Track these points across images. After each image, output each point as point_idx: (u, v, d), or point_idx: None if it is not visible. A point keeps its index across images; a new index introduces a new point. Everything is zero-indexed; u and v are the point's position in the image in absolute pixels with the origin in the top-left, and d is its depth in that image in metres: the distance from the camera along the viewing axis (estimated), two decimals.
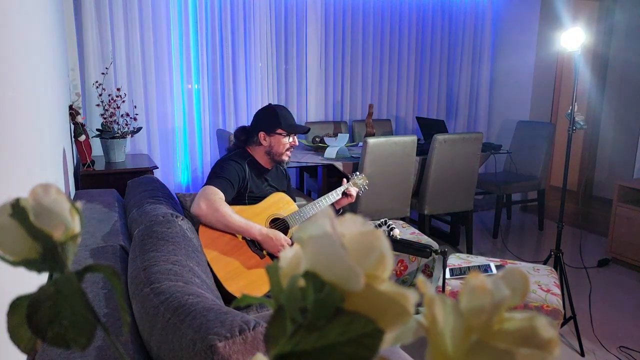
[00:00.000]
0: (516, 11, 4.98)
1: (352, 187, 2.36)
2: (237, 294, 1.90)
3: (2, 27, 1.05)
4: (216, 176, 2.07)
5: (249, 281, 1.96)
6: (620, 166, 5.02)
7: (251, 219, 2.06)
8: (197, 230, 1.95)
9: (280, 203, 2.24)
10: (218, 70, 4.00)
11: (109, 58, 3.59)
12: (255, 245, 2.07)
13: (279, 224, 2.19)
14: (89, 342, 0.30)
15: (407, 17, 4.72)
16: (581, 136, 5.19)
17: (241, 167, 2.15)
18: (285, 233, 2.15)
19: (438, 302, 0.29)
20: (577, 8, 4.93)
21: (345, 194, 2.34)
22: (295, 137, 2.26)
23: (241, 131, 2.26)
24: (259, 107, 4.18)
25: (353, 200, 2.35)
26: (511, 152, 4.41)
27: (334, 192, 2.33)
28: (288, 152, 2.24)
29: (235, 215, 2.00)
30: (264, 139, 2.20)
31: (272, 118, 2.20)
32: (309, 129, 2.41)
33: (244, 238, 2.06)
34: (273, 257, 2.08)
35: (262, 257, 2.06)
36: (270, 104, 2.27)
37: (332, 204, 2.35)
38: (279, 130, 2.20)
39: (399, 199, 3.46)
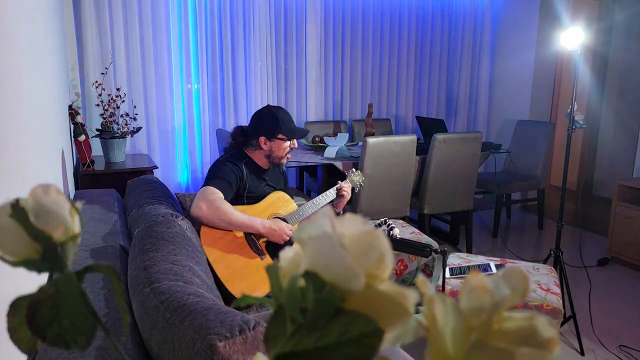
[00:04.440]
0: (516, 10, 4.98)
1: (348, 184, 2.38)
2: (239, 295, 1.89)
3: (2, 27, 1.05)
4: (214, 177, 2.07)
5: (250, 282, 1.97)
6: (620, 165, 5.01)
7: None
8: (198, 232, 1.95)
9: (279, 202, 2.25)
10: (218, 70, 3.99)
11: (109, 58, 3.58)
12: (256, 246, 2.08)
13: None
14: (89, 342, 0.30)
15: (406, 17, 4.72)
16: (581, 135, 5.18)
17: (238, 168, 2.14)
18: None
19: (438, 302, 0.29)
20: (577, 7, 4.93)
21: (339, 193, 2.34)
22: (295, 140, 2.26)
23: (239, 132, 2.23)
24: (259, 107, 4.22)
25: (349, 198, 2.35)
26: (511, 151, 4.41)
27: (330, 190, 2.35)
28: (288, 155, 2.24)
29: (237, 212, 2.00)
30: (265, 144, 2.18)
31: (273, 122, 2.17)
32: (308, 132, 2.40)
33: (245, 239, 2.06)
34: (274, 258, 2.08)
35: (263, 257, 2.06)
36: (269, 106, 2.24)
37: (333, 207, 2.34)
38: (280, 136, 2.18)
39: (398, 198, 3.46)
